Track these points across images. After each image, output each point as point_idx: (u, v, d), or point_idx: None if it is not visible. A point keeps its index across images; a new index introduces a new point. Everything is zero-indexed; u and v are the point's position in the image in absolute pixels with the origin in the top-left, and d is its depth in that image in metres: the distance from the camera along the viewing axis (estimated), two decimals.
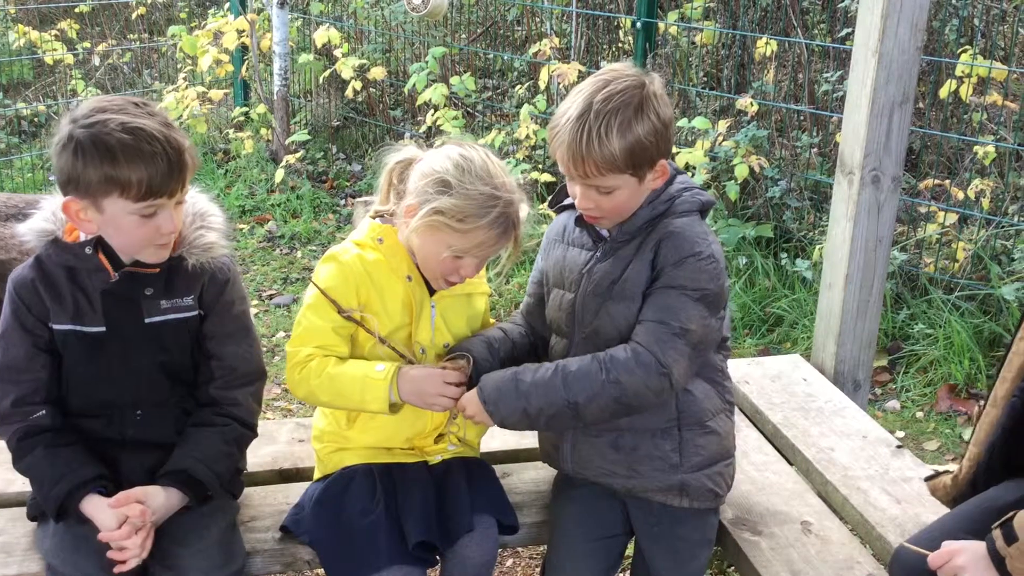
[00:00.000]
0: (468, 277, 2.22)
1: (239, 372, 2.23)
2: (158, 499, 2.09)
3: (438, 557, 2.20)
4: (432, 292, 2.26)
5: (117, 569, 2.01)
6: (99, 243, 2.10)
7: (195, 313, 2.18)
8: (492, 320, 2.45)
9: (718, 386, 2.28)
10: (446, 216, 2.10)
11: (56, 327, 2.12)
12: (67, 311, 2.11)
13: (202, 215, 2.20)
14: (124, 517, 2.03)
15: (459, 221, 2.10)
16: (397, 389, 2.13)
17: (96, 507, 2.06)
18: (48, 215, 2.15)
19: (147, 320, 2.14)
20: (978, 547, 1.83)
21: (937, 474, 2.20)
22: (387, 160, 2.28)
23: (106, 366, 2.14)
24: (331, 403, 2.22)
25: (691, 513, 2.27)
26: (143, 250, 2.10)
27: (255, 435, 2.30)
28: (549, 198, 2.39)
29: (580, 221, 2.26)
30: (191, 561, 2.09)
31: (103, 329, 2.12)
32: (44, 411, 2.13)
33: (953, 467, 2.18)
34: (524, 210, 2.22)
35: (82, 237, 2.12)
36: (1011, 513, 1.82)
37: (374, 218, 2.28)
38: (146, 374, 2.16)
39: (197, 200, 2.21)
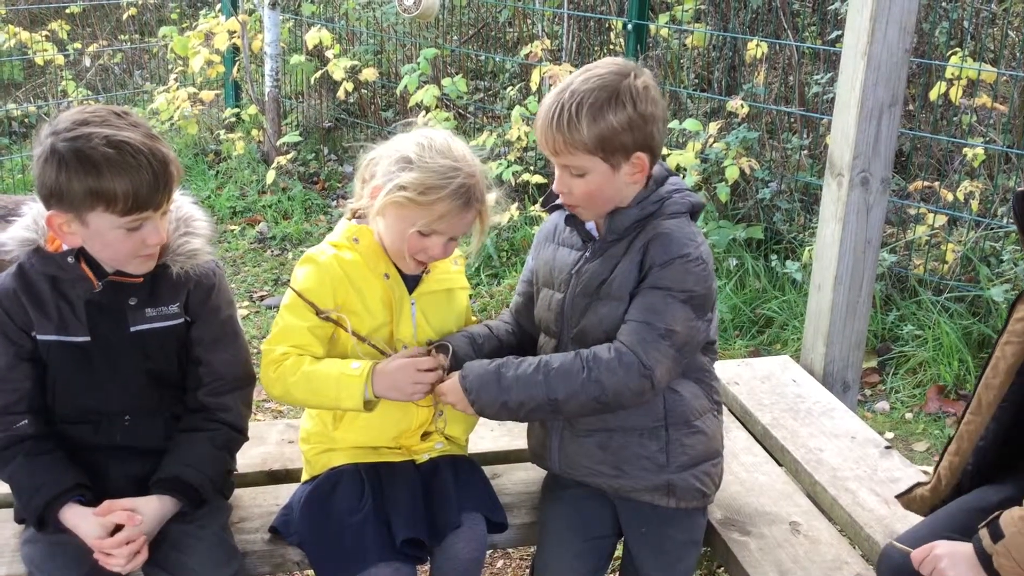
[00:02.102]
0: (436, 257, 2.23)
1: (228, 377, 2.22)
2: (148, 508, 2.07)
3: (429, 555, 2.20)
4: (411, 290, 2.27)
5: (102, 564, 2.01)
6: (81, 252, 2.08)
7: (181, 320, 2.17)
8: (475, 318, 2.46)
9: (705, 386, 2.28)
10: (409, 190, 2.12)
11: (40, 337, 2.10)
12: (51, 321, 2.09)
13: (186, 220, 2.18)
14: (111, 525, 2.02)
15: (421, 194, 2.12)
16: (372, 386, 2.14)
17: (77, 516, 2.05)
18: (29, 223, 2.13)
19: (132, 329, 2.13)
20: (959, 544, 1.84)
21: (909, 489, 2.20)
22: (360, 160, 2.30)
23: (92, 375, 2.13)
24: (306, 401, 2.23)
25: (679, 513, 2.27)
26: (128, 262, 2.08)
27: (246, 438, 2.30)
28: (541, 198, 2.40)
29: (570, 220, 2.27)
30: (192, 563, 2.08)
31: (88, 339, 2.11)
32: (27, 420, 2.12)
33: (924, 477, 2.18)
34: (492, 196, 2.25)
35: (64, 246, 2.09)
36: (997, 512, 1.83)
37: (350, 219, 2.30)
38: (133, 382, 2.15)
39: (181, 204, 2.19)
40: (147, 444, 2.18)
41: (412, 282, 2.29)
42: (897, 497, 2.23)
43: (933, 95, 4.70)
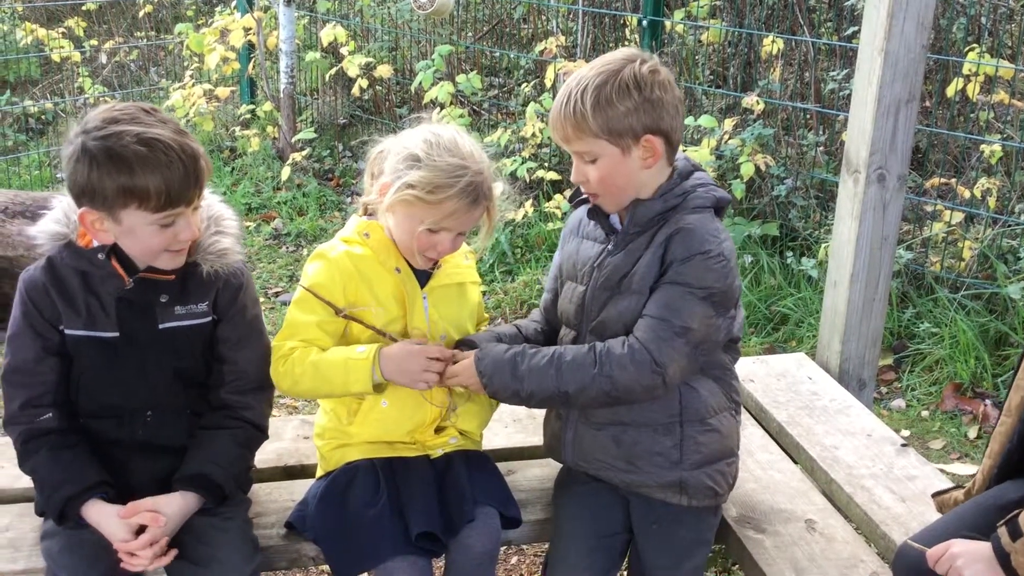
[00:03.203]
0: (445, 253, 2.25)
1: (251, 376, 2.23)
2: (172, 506, 2.08)
3: (444, 549, 2.21)
4: (423, 284, 2.28)
5: (124, 567, 2.01)
6: (113, 249, 2.08)
7: (209, 319, 2.18)
8: (486, 315, 2.49)
9: (724, 384, 2.28)
10: (417, 189, 2.13)
11: (69, 332, 2.10)
12: (80, 316, 2.10)
13: (217, 219, 2.19)
14: (136, 526, 2.02)
15: (429, 192, 2.13)
16: (380, 368, 2.15)
17: (101, 515, 2.05)
18: (59, 216, 2.13)
19: (161, 326, 2.13)
20: (976, 543, 1.83)
21: (946, 490, 2.18)
22: (370, 153, 2.30)
23: (119, 371, 2.13)
24: (314, 391, 2.24)
25: (690, 512, 2.26)
26: (159, 257, 2.09)
27: (266, 437, 2.31)
28: (570, 192, 2.40)
29: (592, 213, 2.27)
30: (220, 555, 2.09)
31: (116, 334, 2.11)
32: (51, 414, 2.12)
33: (961, 468, 2.16)
34: (498, 187, 2.26)
35: (95, 242, 2.10)
36: (1016, 511, 1.82)
37: (362, 215, 2.32)
38: (160, 379, 2.16)
39: (211, 203, 2.20)
40: (168, 441, 2.18)
41: (423, 276, 2.30)
42: (933, 496, 2.21)
43: (950, 91, 4.67)
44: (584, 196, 2.28)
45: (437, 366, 2.18)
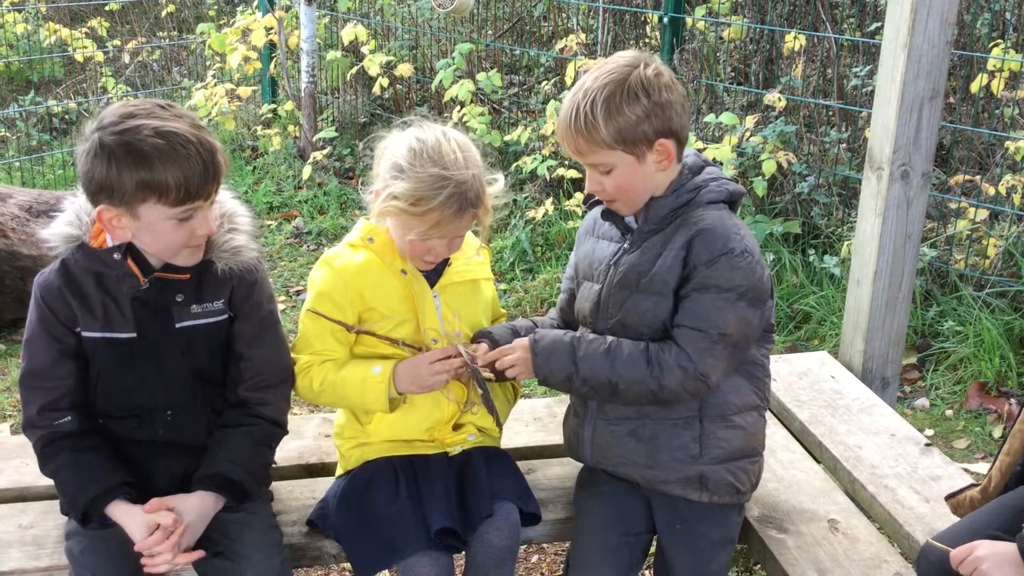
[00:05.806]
0: (442, 256, 2.26)
1: (268, 373, 2.23)
2: (188, 504, 2.08)
3: (464, 545, 2.21)
4: (434, 283, 2.28)
5: (147, 570, 2.02)
6: (128, 249, 2.08)
7: (225, 317, 2.18)
8: (503, 310, 2.49)
9: (755, 381, 2.27)
10: (400, 200, 2.13)
11: (86, 334, 2.10)
12: (97, 318, 2.09)
13: (230, 216, 2.19)
14: (155, 525, 2.02)
15: (412, 205, 2.13)
16: (395, 385, 2.19)
17: (126, 513, 2.05)
18: (72, 218, 2.13)
19: (178, 325, 2.13)
20: (1002, 544, 1.81)
21: (960, 491, 2.16)
22: (376, 150, 2.29)
23: (138, 372, 2.13)
24: (335, 405, 2.31)
25: (712, 510, 2.26)
26: (178, 253, 2.09)
27: (286, 432, 2.31)
28: (584, 195, 2.40)
29: (606, 214, 2.27)
30: (247, 550, 2.10)
31: (134, 335, 2.11)
32: (70, 417, 2.12)
33: (985, 468, 2.14)
34: (497, 184, 2.24)
35: (109, 242, 2.09)
36: None
37: (371, 217, 2.31)
38: (178, 378, 2.16)
39: (224, 200, 2.20)
40: (188, 439, 2.19)
41: (434, 275, 2.30)
42: (946, 499, 2.19)
43: (974, 87, 4.63)
44: (599, 199, 2.27)
45: (444, 366, 2.19)
